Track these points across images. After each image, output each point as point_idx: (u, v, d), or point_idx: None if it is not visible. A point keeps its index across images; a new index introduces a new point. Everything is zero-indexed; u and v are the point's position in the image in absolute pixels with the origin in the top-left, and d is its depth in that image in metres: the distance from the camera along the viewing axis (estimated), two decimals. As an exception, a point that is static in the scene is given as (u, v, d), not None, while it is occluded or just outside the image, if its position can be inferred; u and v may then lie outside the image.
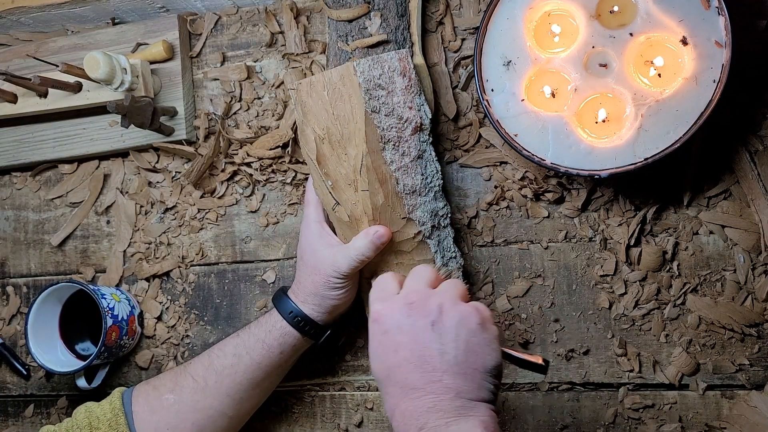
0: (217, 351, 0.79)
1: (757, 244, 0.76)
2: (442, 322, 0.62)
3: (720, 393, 0.77)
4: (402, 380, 0.61)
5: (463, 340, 0.61)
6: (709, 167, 0.77)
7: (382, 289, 0.68)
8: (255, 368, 0.78)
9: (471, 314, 0.63)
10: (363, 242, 0.74)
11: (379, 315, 0.64)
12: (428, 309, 0.63)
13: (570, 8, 0.75)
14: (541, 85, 0.76)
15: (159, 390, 0.79)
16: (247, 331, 0.79)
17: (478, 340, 0.62)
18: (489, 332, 0.63)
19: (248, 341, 0.78)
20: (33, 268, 1.00)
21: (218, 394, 0.77)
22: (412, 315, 0.63)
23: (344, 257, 0.74)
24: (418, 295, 0.65)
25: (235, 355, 0.78)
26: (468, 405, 0.59)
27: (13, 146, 0.97)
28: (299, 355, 0.82)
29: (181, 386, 0.78)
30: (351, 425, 0.87)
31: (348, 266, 0.74)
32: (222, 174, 0.91)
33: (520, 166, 0.82)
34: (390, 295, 0.66)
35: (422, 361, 0.60)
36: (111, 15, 0.96)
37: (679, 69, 0.71)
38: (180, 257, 0.93)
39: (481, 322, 0.63)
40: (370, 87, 0.73)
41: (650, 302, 0.79)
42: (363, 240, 0.74)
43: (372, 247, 0.74)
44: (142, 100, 0.83)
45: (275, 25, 0.90)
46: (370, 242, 0.74)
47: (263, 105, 0.90)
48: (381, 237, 0.74)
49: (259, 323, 0.79)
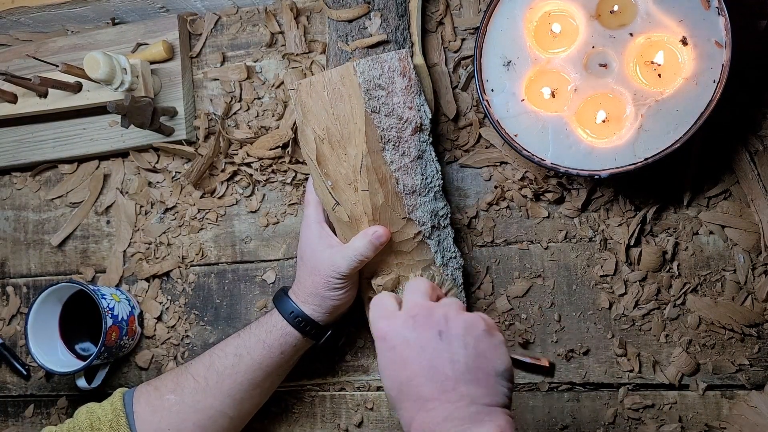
0: (218, 351, 0.79)
1: (757, 244, 0.76)
2: (450, 330, 0.62)
3: (720, 393, 0.77)
4: (415, 393, 0.60)
5: (472, 346, 0.61)
6: (709, 167, 0.77)
7: (382, 308, 0.67)
8: (256, 368, 0.78)
9: (477, 320, 0.63)
10: (362, 242, 0.74)
11: (384, 333, 0.64)
12: (434, 320, 0.63)
13: (570, 8, 0.75)
14: (541, 85, 0.76)
15: (160, 390, 0.79)
16: (248, 331, 0.79)
17: (487, 345, 0.62)
18: (496, 337, 0.63)
19: (249, 341, 0.78)
20: (33, 268, 1.00)
21: (219, 395, 0.77)
22: (418, 328, 0.62)
23: (343, 257, 0.74)
24: (421, 308, 0.64)
25: (236, 355, 0.78)
26: (484, 410, 0.58)
27: (13, 146, 0.97)
28: (300, 356, 0.82)
29: (182, 386, 0.78)
30: (351, 425, 0.87)
31: (347, 266, 0.74)
32: (222, 174, 0.91)
33: (520, 166, 0.82)
34: (392, 313, 0.65)
35: (434, 372, 0.60)
36: (111, 15, 0.96)
37: (679, 69, 0.71)
38: (180, 257, 0.93)
39: (487, 328, 0.63)
40: (370, 87, 0.73)
41: (650, 302, 0.79)
42: (362, 240, 0.74)
43: (371, 247, 0.74)
44: (142, 100, 0.83)
45: (275, 25, 0.90)
46: (368, 242, 0.74)
47: (263, 105, 0.90)
48: (380, 237, 0.74)
49: (259, 323, 0.79)
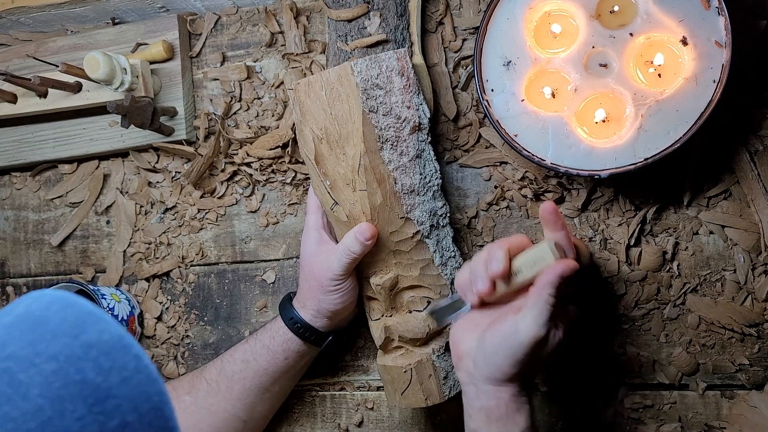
0: (228, 356, 0.81)
1: (757, 244, 0.76)
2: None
3: (720, 393, 0.77)
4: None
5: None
6: (710, 167, 0.77)
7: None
8: (262, 374, 0.78)
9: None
10: (349, 239, 0.74)
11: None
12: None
13: (570, 8, 0.75)
14: (541, 86, 0.76)
15: (177, 391, 0.80)
16: (254, 337, 0.80)
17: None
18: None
19: (255, 347, 0.79)
20: (33, 268, 1.00)
21: (230, 398, 0.79)
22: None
23: (336, 257, 0.74)
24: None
25: (243, 360, 0.79)
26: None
27: (13, 146, 0.97)
28: (307, 361, 0.82)
29: (197, 389, 0.79)
30: (351, 425, 0.87)
31: (339, 266, 0.74)
32: (222, 174, 0.91)
33: (520, 166, 0.82)
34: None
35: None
36: (111, 15, 0.96)
37: (679, 69, 0.71)
38: (180, 257, 0.93)
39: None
40: (368, 87, 0.73)
41: (650, 302, 0.79)
42: (349, 237, 0.74)
43: (357, 243, 0.73)
44: (142, 100, 0.83)
45: (275, 25, 0.90)
46: (353, 238, 0.73)
47: (263, 105, 0.90)
48: (363, 233, 0.73)
49: (265, 329, 0.81)
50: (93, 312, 0.39)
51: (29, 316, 0.38)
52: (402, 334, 0.77)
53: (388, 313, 0.77)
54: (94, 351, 0.37)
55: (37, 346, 0.36)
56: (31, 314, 0.38)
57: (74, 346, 0.37)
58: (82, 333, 0.37)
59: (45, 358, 0.36)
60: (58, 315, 0.38)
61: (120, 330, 0.39)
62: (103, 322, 0.38)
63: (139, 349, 0.38)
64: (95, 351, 0.37)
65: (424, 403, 0.77)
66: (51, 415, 0.34)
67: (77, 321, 0.38)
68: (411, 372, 0.76)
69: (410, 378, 0.76)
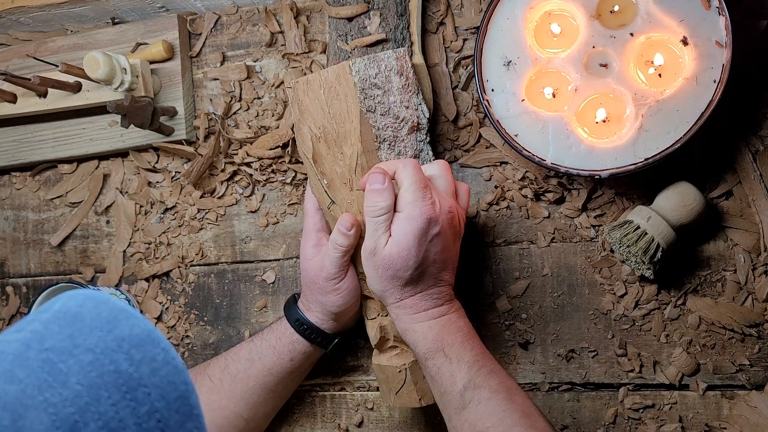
0: (233, 354, 0.80)
1: (757, 245, 0.76)
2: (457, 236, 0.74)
3: (720, 393, 0.77)
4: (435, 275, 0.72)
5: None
6: (711, 167, 0.77)
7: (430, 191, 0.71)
8: (266, 374, 0.78)
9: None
10: (334, 233, 0.74)
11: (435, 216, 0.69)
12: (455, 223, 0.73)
13: (570, 8, 0.75)
14: (542, 86, 0.76)
15: None
16: (260, 337, 0.80)
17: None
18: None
19: (260, 347, 0.79)
20: (32, 268, 1.00)
21: (233, 397, 0.78)
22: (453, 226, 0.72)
23: (327, 256, 0.74)
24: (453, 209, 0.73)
25: (247, 359, 0.79)
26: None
27: (13, 146, 0.97)
28: (311, 363, 0.82)
29: (200, 385, 0.79)
30: (351, 425, 0.87)
31: (331, 263, 0.74)
32: (222, 174, 0.91)
33: (521, 166, 0.82)
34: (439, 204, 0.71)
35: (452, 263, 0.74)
36: (111, 15, 0.95)
37: (679, 69, 0.71)
38: (180, 257, 0.93)
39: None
40: (366, 86, 0.72)
41: (650, 302, 0.79)
42: (334, 232, 0.74)
43: (340, 234, 0.73)
44: (141, 100, 0.83)
45: (275, 24, 0.90)
46: (337, 231, 0.73)
47: (263, 105, 0.90)
48: (344, 223, 0.73)
49: (271, 329, 0.80)
50: (124, 309, 0.42)
51: (66, 312, 0.41)
52: (397, 333, 0.77)
53: (383, 312, 0.77)
54: (126, 344, 0.40)
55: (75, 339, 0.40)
56: (68, 311, 0.41)
57: (108, 339, 0.40)
58: (115, 327, 0.41)
59: (82, 349, 0.39)
60: (92, 311, 0.41)
61: (149, 325, 0.42)
62: (134, 318, 0.42)
63: (166, 342, 0.42)
64: (127, 344, 0.40)
65: (418, 403, 0.76)
66: (88, 401, 0.37)
67: (110, 317, 0.41)
68: (405, 372, 0.76)
69: (405, 378, 0.76)
